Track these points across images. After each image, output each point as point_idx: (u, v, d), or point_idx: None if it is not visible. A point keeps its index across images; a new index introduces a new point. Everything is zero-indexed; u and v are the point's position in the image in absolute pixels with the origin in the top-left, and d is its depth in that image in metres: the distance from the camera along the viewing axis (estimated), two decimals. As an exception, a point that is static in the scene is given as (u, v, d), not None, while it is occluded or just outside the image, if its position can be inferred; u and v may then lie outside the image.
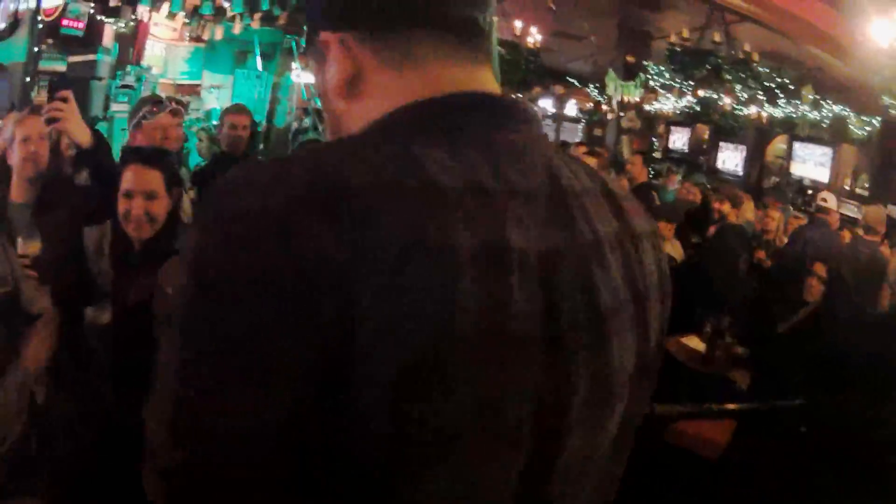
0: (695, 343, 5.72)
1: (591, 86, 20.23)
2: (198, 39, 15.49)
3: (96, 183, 3.66)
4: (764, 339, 5.87)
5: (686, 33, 11.24)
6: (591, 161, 6.28)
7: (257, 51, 15.87)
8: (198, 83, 16.04)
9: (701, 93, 14.15)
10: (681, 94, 15.85)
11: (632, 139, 16.41)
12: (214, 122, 14.90)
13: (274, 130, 16.65)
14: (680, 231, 7.18)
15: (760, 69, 12.88)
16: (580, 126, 23.13)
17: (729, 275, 6.62)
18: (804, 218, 10.25)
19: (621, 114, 15.78)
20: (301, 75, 16.16)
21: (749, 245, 7.19)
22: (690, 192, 9.25)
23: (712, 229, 7.49)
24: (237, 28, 12.80)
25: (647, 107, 17.10)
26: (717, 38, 11.24)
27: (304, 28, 1.13)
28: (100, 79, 11.18)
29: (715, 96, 13.38)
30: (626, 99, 15.35)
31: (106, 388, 3.24)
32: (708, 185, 12.01)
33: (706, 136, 19.92)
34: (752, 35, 11.75)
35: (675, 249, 6.89)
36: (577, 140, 18.70)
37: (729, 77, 11.82)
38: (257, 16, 11.83)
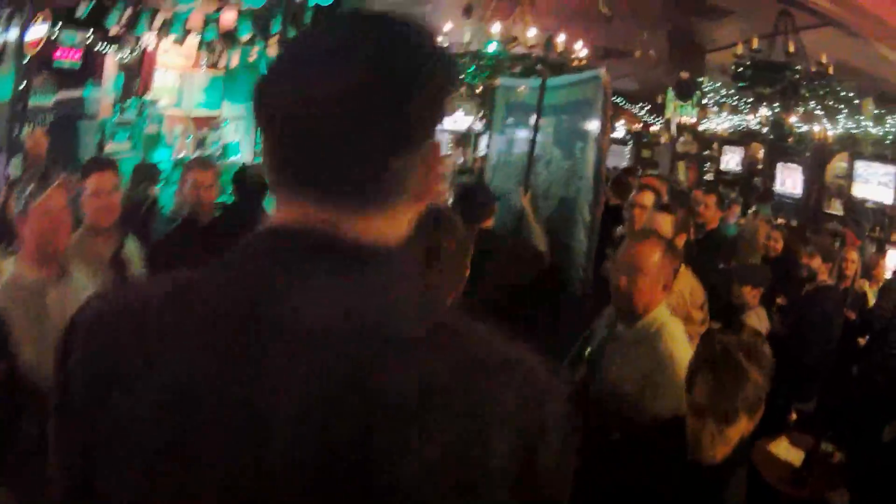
0: (784, 450, 4.50)
1: (638, 105, 19.10)
2: (215, 67, 14.60)
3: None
4: (865, 447, 4.66)
5: (756, 43, 9.56)
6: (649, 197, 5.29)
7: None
8: (216, 114, 15.03)
9: (763, 111, 12.82)
10: (734, 111, 14.51)
11: (688, 164, 14.65)
12: (233, 159, 13.89)
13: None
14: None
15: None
16: (627, 149, 21.76)
17: (824, 353, 5.40)
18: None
19: (681, 137, 14.11)
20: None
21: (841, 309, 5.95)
22: (772, 238, 7.92)
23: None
24: (253, 55, 11.86)
25: (700, 127, 15.55)
26: (792, 47, 9.48)
27: None
28: (90, 117, 10.16)
29: (777, 113, 11.83)
30: (681, 120, 13.94)
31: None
32: (774, 219, 10.68)
33: (760, 156, 18.50)
34: (811, 46, 10.23)
35: (760, 319, 5.65)
36: (624, 165, 17.44)
37: (806, 94, 10.05)
38: (272, 40, 10.81)
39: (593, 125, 5.59)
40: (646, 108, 19.31)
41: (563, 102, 6.16)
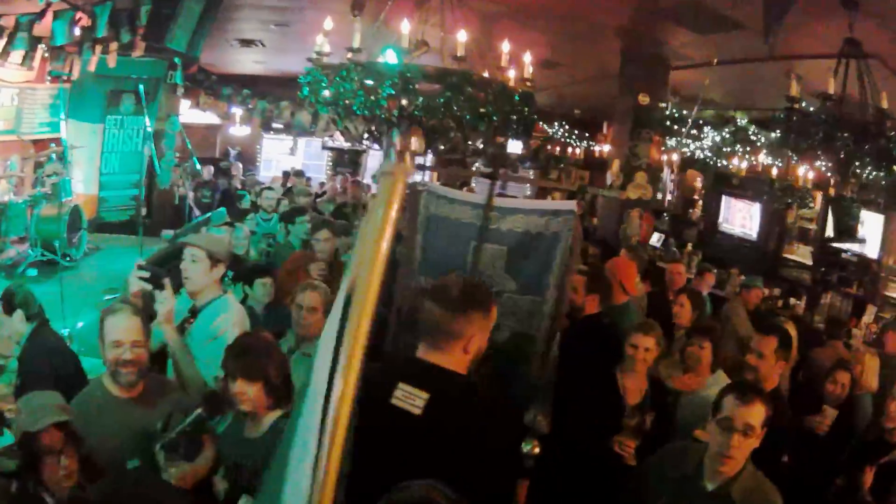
0: None
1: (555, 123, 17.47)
2: (59, 78, 11.68)
3: None
4: None
5: (833, 87, 6.53)
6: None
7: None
8: (57, 137, 12.08)
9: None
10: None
11: (641, 214, 11.56)
12: (64, 201, 10.87)
13: (156, 192, 12.88)
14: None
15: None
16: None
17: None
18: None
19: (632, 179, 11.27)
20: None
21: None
22: (838, 382, 5.65)
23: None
24: (92, 64, 9.26)
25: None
26: (886, 102, 6.59)
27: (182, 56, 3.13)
28: None
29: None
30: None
31: None
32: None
33: (698, 184, 16.28)
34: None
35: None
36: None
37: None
38: (113, 47, 8.30)
39: (559, 264, 5.12)
40: (563, 126, 17.81)
41: (520, 230, 5.45)
